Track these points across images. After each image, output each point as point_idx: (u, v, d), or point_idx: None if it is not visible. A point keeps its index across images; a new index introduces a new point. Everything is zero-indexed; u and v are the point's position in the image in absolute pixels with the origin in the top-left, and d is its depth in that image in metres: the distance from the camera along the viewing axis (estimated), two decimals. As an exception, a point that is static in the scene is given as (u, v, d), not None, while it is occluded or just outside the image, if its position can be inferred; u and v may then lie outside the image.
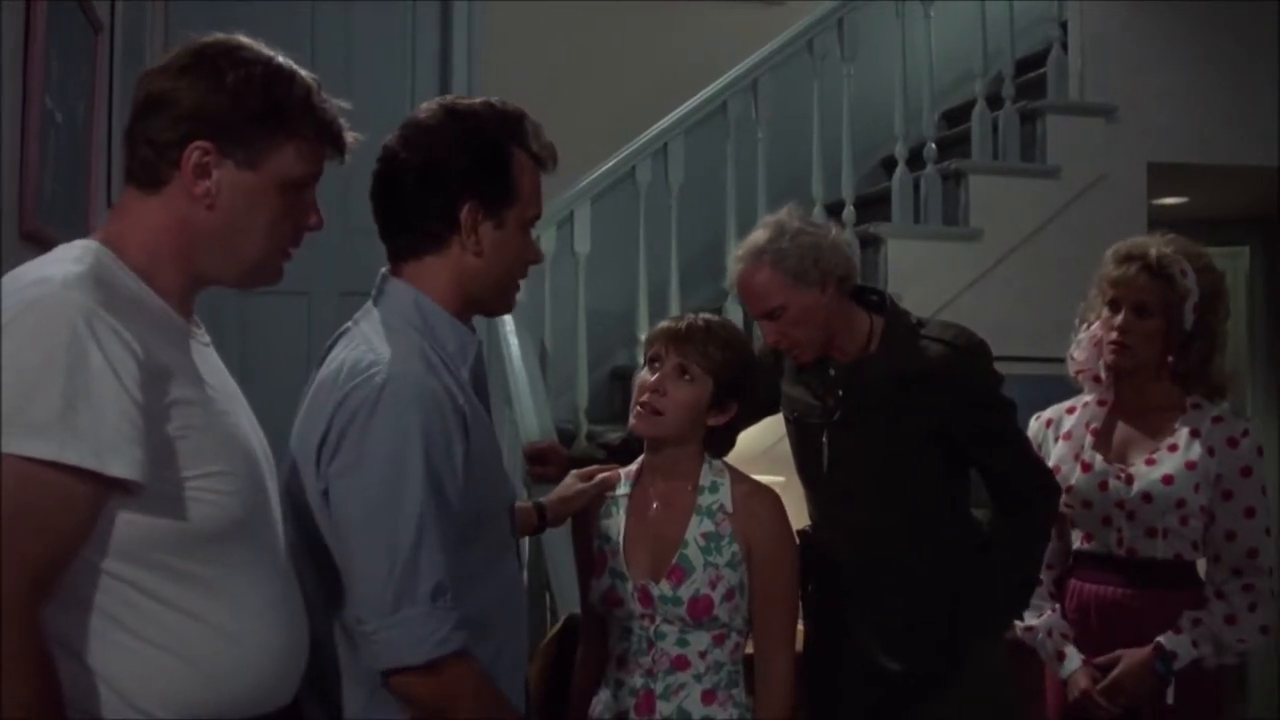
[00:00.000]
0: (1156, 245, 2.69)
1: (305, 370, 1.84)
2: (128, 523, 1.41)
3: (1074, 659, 2.71)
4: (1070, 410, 2.85)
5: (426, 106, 1.84)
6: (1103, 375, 2.77)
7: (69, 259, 1.46)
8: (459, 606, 1.67)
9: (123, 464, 1.36)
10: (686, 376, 2.24)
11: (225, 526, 1.48)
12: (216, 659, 1.47)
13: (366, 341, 1.74)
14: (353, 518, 1.66)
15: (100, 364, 1.35)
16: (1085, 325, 2.81)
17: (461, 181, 1.78)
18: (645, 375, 2.29)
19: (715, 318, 2.34)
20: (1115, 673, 2.65)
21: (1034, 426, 2.89)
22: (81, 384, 1.34)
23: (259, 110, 1.53)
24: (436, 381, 1.71)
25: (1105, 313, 2.72)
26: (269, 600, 1.54)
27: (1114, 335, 2.69)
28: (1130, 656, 2.64)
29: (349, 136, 1.63)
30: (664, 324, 2.34)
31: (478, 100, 1.86)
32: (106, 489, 1.37)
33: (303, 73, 1.59)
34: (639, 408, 2.27)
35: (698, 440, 2.30)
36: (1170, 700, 2.61)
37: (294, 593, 1.61)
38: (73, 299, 1.38)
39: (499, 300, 1.90)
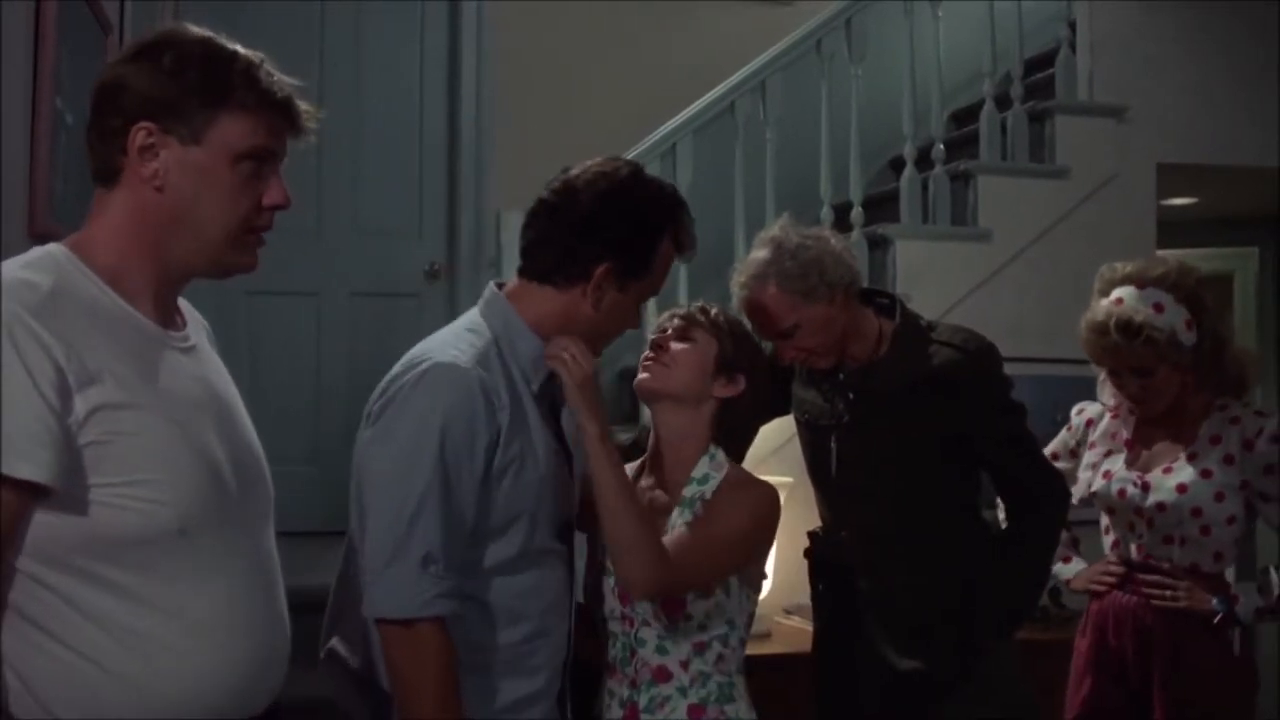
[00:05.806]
0: (1115, 312, 2.65)
1: (314, 370, 1.85)
2: (44, 525, 1.40)
3: (1076, 562, 2.87)
4: (1114, 415, 2.88)
5: (622, 162, 1.99)
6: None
7: (17, 263, 1.46)
8: (455, 579, 1.80)
9: (30, 467, 1.35)
10: (690, 337, 2.18)
11: (152, 535, 1.45)
12: (145, 668, 1.45)
13: (439, 337, 1.94)
14: (371, 482, 1.84)
15: (15, 367, 1.36)
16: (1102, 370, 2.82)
17: (611, 244, 1.93)
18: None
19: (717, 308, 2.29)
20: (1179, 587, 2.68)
21: (1076, 421, 2.94)
22: None
23: (198, 84, 1.53)
24: (486, 376, 1.85)
25: (1111, 382, 2.77)
26: (221, 612, 1.51)
27: (1130, 402, 2.76)
28: (1194, 585, 2.67)
29: (303, 107, 1.61)
30: None
31: (659, 178, 2.05)
32: (26, 493, 1.36)
33: (246, 51, 1.59)
34: (644, 363, 2.18)
35: (704, 421, 2.17)
36: (1216, 620, 2.63)
37: (265, 606, 1.59)
38: None
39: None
